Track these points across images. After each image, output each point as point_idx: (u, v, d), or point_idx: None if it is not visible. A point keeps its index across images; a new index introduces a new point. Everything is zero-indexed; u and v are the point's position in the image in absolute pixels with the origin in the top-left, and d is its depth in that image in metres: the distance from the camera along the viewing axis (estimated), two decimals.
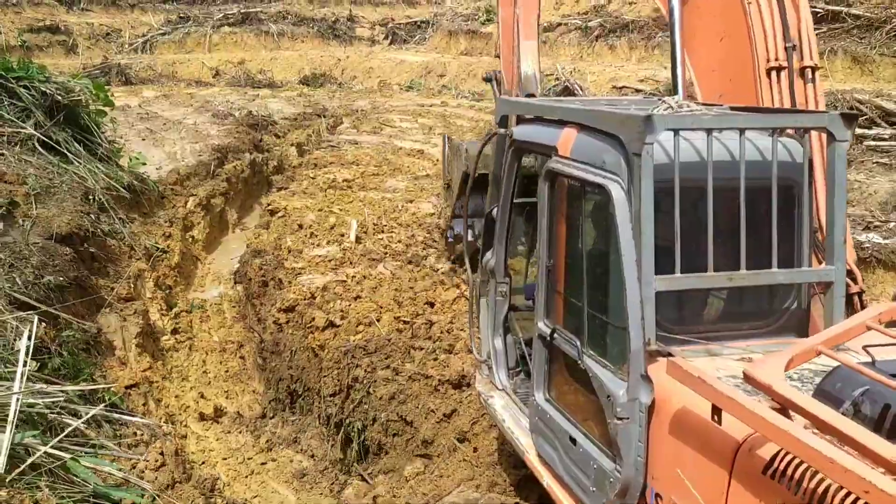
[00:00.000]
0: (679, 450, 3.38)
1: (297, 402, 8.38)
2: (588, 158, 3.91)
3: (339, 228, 11.05)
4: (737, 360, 3.63)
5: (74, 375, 6.31)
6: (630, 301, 3.50)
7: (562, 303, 4.34)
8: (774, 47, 4.47)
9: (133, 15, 33.11)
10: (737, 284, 3.81)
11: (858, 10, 18.14)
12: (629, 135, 3.55)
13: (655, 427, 3.53)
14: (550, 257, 4.37)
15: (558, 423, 4.29)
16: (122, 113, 16.74)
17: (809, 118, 4.00)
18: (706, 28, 4.88)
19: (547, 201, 4.34)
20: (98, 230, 9.45)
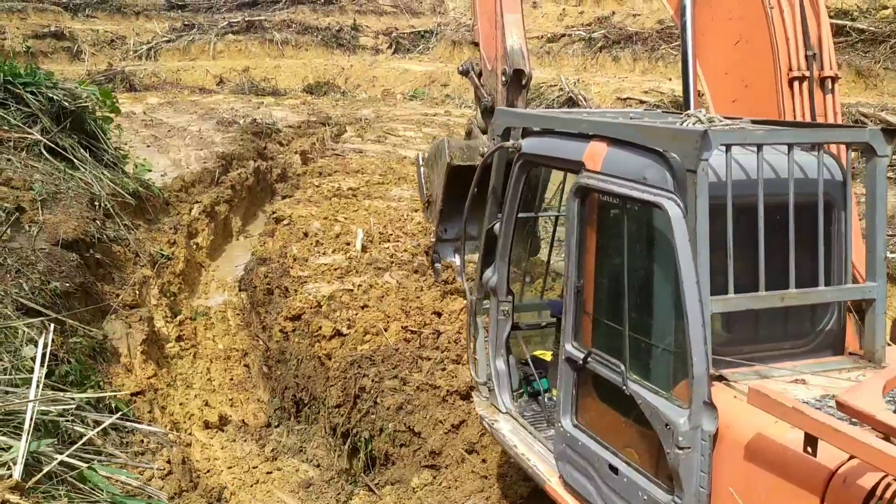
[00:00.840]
0: (752, 480, 3.22)
1: (303, 411, 8.34)
2: (624, 174, 3.76)
3: (344, 237, 11.03)
4: (790, 381, 3.53)
5: (81, 383, 6.28)
6: (692, 324, 3.33)
7: (596, 325, 4.14)
8: (797, 56, 4.38)
9: (138, 22, 33.23)
10: (788, 304, 3.70)
11: (863, 25, 18.21)
12: (683, 150, 3.41)
13: (721, 455, 3.36)
14: (580, 277, 4.16)
15: (593, 451, 4.07)
16: (127, 119, 16.77)
17: (851, 133, 3.94)
18: (719, 30, 4.75)
19: (577, 218, 4.12)
20: (104, 236, 9.43)
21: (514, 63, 6.62)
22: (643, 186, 3.62)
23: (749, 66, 4.56)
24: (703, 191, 3.35)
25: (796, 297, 3.68)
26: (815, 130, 4.03)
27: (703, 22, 4.83)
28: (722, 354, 3.60)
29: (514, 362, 5.30)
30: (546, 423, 5.08)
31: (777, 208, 3.61)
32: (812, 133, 3.93)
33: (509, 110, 5.36)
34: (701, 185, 3.35)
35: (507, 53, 6.67)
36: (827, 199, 3.77)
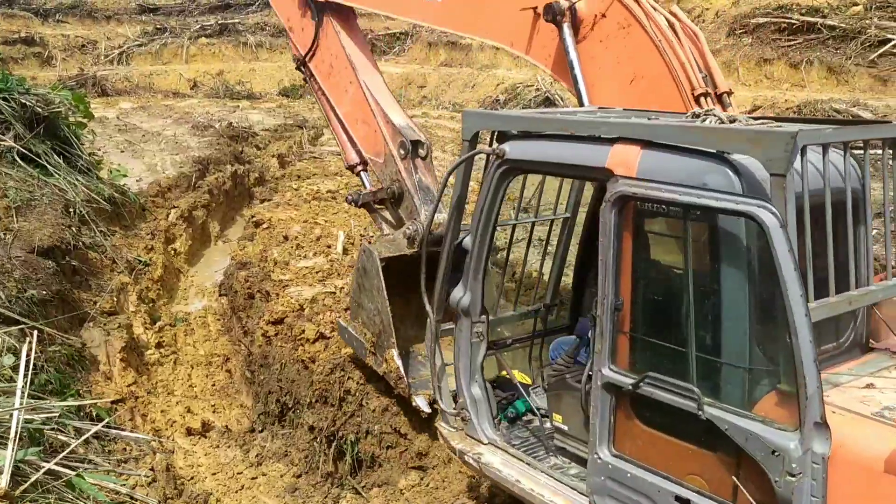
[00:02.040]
0: (886, 499, 3.03)
1: (287, 415, 8.27)
2: (673, 179, 3.45)
3: (325, 240, 10.97)
4: (862, 388, 3.45)
5: (61, 391, 6.18)
6: (802, 340, 3.06)
7: (648, 346, 3.79)
8: (695, 76, 4.57)
9: (109, 26, 32.85)
10: (854, 307, 3.61)
11: (833, 21, 18.45)
12: (769, 153, 3.13)
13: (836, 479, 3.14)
14: (620, 295, 3.77)
15: (650, 482, 3.74)
16: (100, 125, 16.55)
17: (889, 129, 3.87)
18: (611, 76, 4.88)
19: (615, 232, 3.72)
20: (80, 243, 9.31)
21: (409, 136, 6.49)
22: (717, 194, 3.31)
23: (652, 97, 4.63)
24: (791, 197, 3.17)
25: (859, 299, 3.61)
26: (864, 127, 3.98)
27: (592, 74, 4.95)
28: None
29: (490, 387, 4.95)
30: (544, 451, 4.80)
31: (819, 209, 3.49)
32: (865, 130, 3.87)
33: (481, 112, 5.02)
34: (790, 191, 3.15)
35: (399, 131, 6.56)
36: (857, 198, 3.75)
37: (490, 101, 24.81)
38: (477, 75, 26.62)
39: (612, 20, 4.88)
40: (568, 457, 4.69)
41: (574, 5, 4.95)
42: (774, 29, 19.50)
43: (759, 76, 19.07)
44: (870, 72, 17.24)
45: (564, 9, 4.95)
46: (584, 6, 4.97)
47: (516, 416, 5.14)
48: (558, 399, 4.71)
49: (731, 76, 19.49)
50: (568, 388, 4.59)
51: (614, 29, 4.86)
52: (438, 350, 5.03)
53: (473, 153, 4.56)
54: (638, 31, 4.72)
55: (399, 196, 6.68)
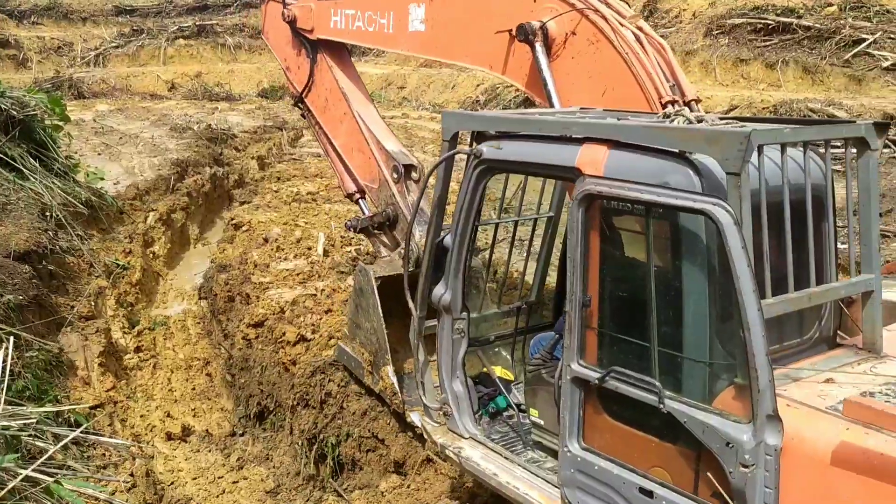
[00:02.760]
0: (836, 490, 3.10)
1: (269, 418, 8.24)
2: (637, 178, 3.54)
3: (305, 242, 10.93)
4: (821, 382, 3.50)
5: (39, 397, 6.12)
6: (754, 334, 3.15)
7: (614, 341, 3.88)
8: (663, 85, 4.70)
9: (85, 28, 32.53)
10: (814, 303, 3.67)
11: (808, 22, 18.66)
12: (725, 153, 3.22)
13: (793, 471, 3.21)
14: (588, 291, 3.86)
15: (615, 474, 3.82)
16: (77, 127, 16.41)
17: (849, 128, 3.91)
18: (583, 89, 5.04)
19: (582, 229, 3.81)
20: (56, 247, 9.21)
21: (401, 160, 6.80)
22: (675, 192, 3.40)
23: (623, 108, 4.75)
24: (746, 195, 3.23)
25: (820, 295, 3.67)
26: (823, 127, 4.01)
27: (567, 89, 5.11)
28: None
29: (471, 383, 5.02)
30: (522, 445, 4.87)
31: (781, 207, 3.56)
32: (824, 129, 3.91)
33: (460, 112, 5.12)
34: (745, 189, 3.22)
35: (392, 157, 6.86)
36: (819, 195, 3.79)
37: (470, 101, 24.84)
38: (457, 76, 26.64)
39: (581, 37, 5.03)
40: (544, 451, 4.78)
41: (545, 25, 5.11)
42: (751, 29, 19.70)
43: (735, 76, 19.25)
44: (844, 71, 17.45)
45: (536, 28, 5.11)
46: (554, 25, 5.12)
47: (497, 412, 5.22)
48: (534, 394, 4.82)
49: (708, 76, 19.67)
50: (543, 384, 4.68)
51: (584, 45, 5.02)
52: (422, 347, 5.08)
53: (452, 153, 4.65)
54: (606, 45, 4.87)
55: (394, 219, 6.98)
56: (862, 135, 3.78)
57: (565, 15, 5.06)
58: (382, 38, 6.64)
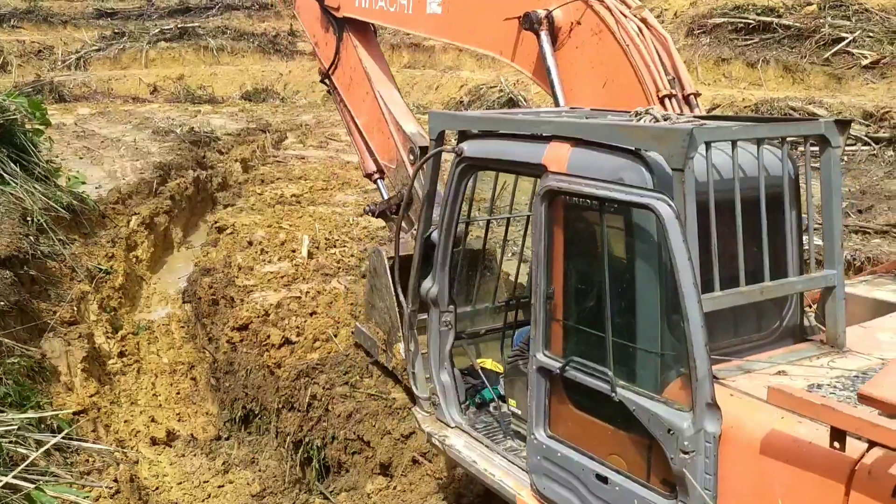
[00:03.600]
0: (767, 478, 3.19)
1: (254, 421, 8.21)
2: (595, 175, 3.67)
3: (289, 244, 10.91)
4: (773, 374, 3.54)
5: (21, 404, 6.06)
6: (693, 325, 3.26)
7: (574, 332, 4.02)
8: (661, 78, 4.78)
9: (66, 31, 32.26)
10: (767, 297, 3.72)
11: (788, 21, 18.79)
12: (670, 149, 3.35)
13: (726, 457, 3.31)
14: (551, 284, 4.01)
15: (575, 461, 3.96)
16: (58, 131, 16.28)
17: (808, 126, 3.98)
18: (587, 78, 5.13)
19: (545, 224, 3.97)
20: (38, 252, 9.14)
21: (418, 142, 6.87)
22: (625, 188, 3.51)
23: (623, 100, 4.83)
24: (690, 190, 3.32)
25: (773, 289, 3.72)
26: (779, 125, 4.09)
27: (570, 79, 5.20)
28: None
29: (458, 374, 5.16)
30: (503, 435, 4.95)
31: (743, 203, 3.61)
32: (779, 127, 3.97)
33: (445, 113, 5.25)
34: (689, 185, 3.31)
35: (410, 138, 6.96)
36: (777, 192, 3.83)
37: (454, 102, 24.85)
38: (440, 77, 26.66)
39: (585, 27, 5.11)
40: (522, 439, 4.85)
41: (551, 14, 5.20)
42: (731, 29, 19.82)
43: (717, 75, 19.37)
44: (824, 70, 17.59)
45: (541, 17, 5.22)
46: (560, 15, 5.22)
47: (483, 403, 5.33)
48: (512, 385, 4.92)
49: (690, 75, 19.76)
50: (520, 374, 4.76)
51: (588, 35, 5.10)
52: (413, 338, 5.23)
53: (436, 150, 4.81)
54: (608, 37, 4.95)
55: (410, 200, 6.98)
56: (822, 132, 3.83)
57: (571, 4, 5.14)
58: (402, 19, 6.80)
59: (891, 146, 14.37)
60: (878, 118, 15.04)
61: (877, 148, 14.49)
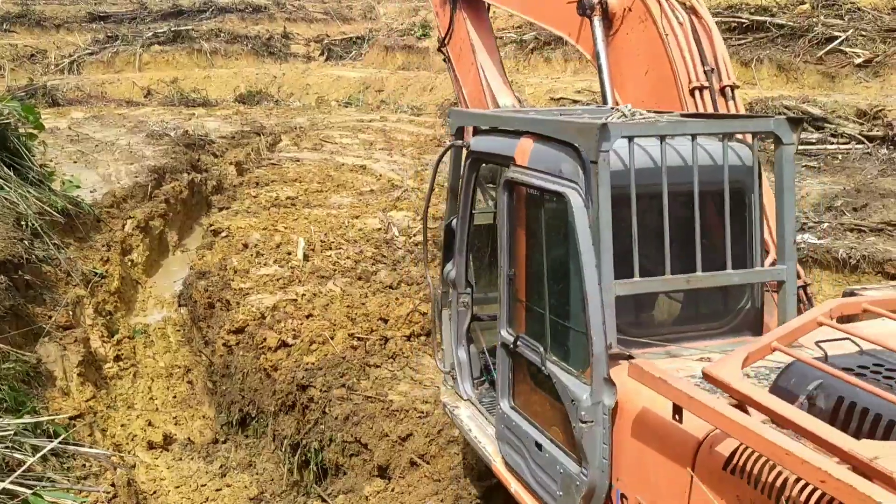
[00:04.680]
0: (642, 450, 3.43)
1: (251, 424, 8.19)
2: (546, 167, 3.94)
3: (285, 247, 10.89)
4: (696, 360, 3.68)
5: (16, 409, 6.04)
6: (591, 306, 3.55)
7: (524, 310, 4.37)
8: (694, 71, 4.83)
9: (59, 35, 32.19)
10: (694, 286, 3.87)
11: (782, 20, 18.84)
12: (586, 143, 3.59)
13: (619, 429, 3.58)
14: (512, 266, 4.38)
15: (524, 430, 4.32)
16: (52, 135, 16.22)
17: (757, 123, 4.10)
18: (631, 66, 5.26)
19: (506, 211, 4.34)
20: (33, 257, 9.11)
21: None
22: (554, 178, 3.83)
23: (659, 90, 4.95)
24: (604, 181, 3.52)
25: (702, 280, 3.84)
26: (722, 121, 4.18)
27: (619, 64, 5.36)
28: (637, 336, 3.81)
29: (474, 352, 5.47)
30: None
31: (688, 196, 3.78)
32: (717, 124, 4.07)
33: (462, 110, 5.59)
34: (602, 176, 3.52)
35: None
36: (738, 186, 3.93)
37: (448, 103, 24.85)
38: (434, 78, 26.65)
39: (635, 14, 5.24)
40: None
41: (604, 1, 5.34)
42: (725, 28, 19.83)
43: None
44: (818, 69, 17.64)
45: (594, 3, 5.38)
46: (615, 1, 5.36)
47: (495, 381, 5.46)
48: None
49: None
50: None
51: (636, 22, 5.22)
52: (438, 318, 5.69)
53: (451, 145, 5.23)
54: (651, 25, 5.04)
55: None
56: (771, 129, 3.90)
57: None
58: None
59: (885, 144, 14.41)
60: (871, 116, 15.08)
61: (871, 146, 14.53)
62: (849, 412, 2.70)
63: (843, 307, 3.38)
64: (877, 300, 3.42)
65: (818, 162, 14.37)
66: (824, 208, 11.70)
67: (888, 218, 10.81)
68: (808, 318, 3.27)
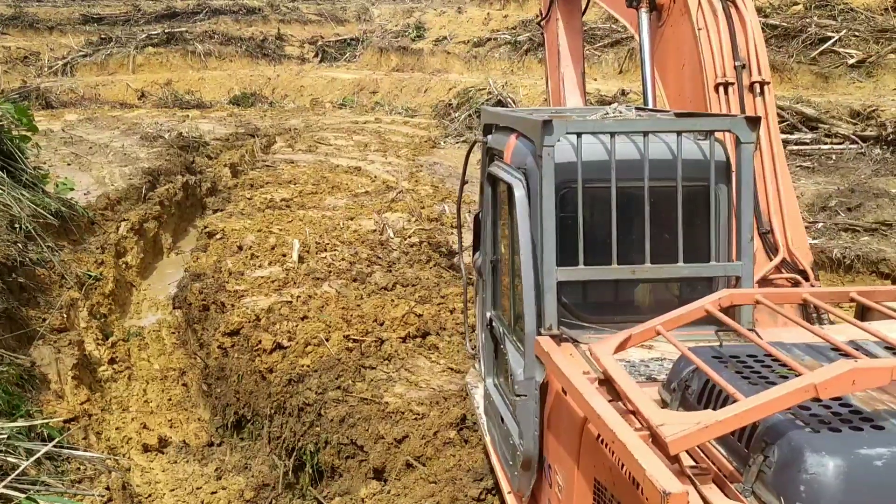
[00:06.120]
0: (556, 423, 3.71)
1: (246, 427, 8.17)
2: (518, 162, 4.24)
3: (280, 249, 10.87)
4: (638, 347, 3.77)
5: (10, 412, 6.01)
6: (525, 288, 3.86)
7: (500, 294, 4.81)
8: (723, 66, 4.79)
9: (52, 37, 32.10)
10: (640, 277, 4.07)
11: (775, 21, 18.90)
12: (536, 139, 3.84)
13: (547, 404, 3.85)
14: (495, 252, 4.82)
15: (496, 405, 4.68)
16: (45, 138, 16.16)
17: (714, 122, 4.17)
18: (673, 58, 5.30)
19: (490, 202, 4.79)
20: (26, 259, 9.07)
21: None
22: (512, 170, 4.19)
23: (691, 85, 4.97)
24: (548, 174, 3.78)
25: (648, 272, 4.00)
26: (676, 120, 4.22)
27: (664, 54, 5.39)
28: (590, 322, 4.05)
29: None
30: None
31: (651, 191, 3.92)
32: (671, 122, 4.13)
33: (488, 109, 5.80)
34: (546, 169, 3.77)
35: None
36: (704, 183, 4.03)
37: (443, 104, 24.87)
38: (429, 80, 26.67)
39: (678, 6, 5.29)
40: None
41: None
42: None
43: None
44: (811, 69, 17.71)
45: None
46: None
47: None
48: None
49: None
50: None
51: (678, 15, 5.27)
52: (466, 303, 6.30)
53: (475, 141, 5.52)
54: (688, 18, 5.05)
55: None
56: (728, 127, 3.99)
57: None
58: None
59: (878, 144, 14.46)
60: (865, 116, 15.14)
61: (864, 146, 14.58)
62: (710, 393, 2.93)
63: (731, 297, 3.54)
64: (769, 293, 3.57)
65: (812, 162, 14.42)
66: (818, 208, 11.73)
67: (882, 218, 10.85)
68: (696, 307, 3.48)
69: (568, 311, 4.01)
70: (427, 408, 6.87)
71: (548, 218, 3.78)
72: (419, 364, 7.77)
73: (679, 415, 2.65)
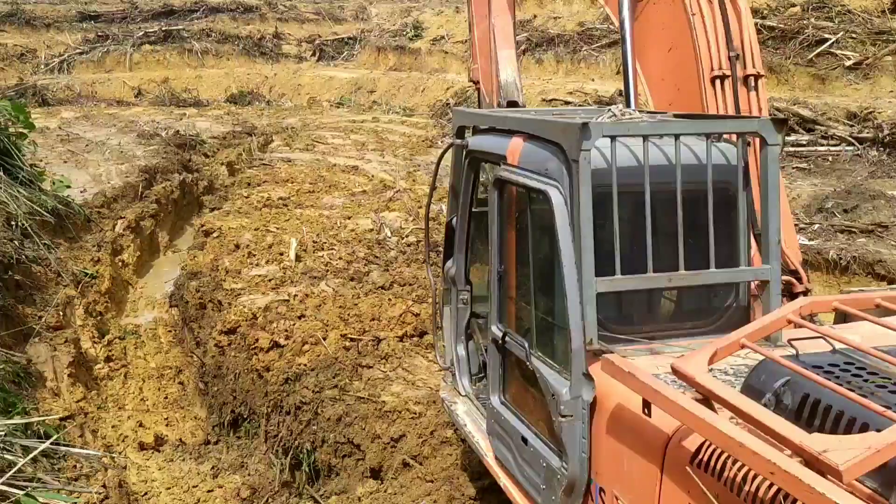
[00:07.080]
0: (617, 445, 3.48)
1: (243, 425, 8.17)
2: (534, 166, 4.02)
3: (277, 247, 10.86)
4: (676, 357, 3.67)
5: (6, 410, 6.00)
6: (570, 302, 3.61)
7: (513, 306, 4.46)
8: (718, 57, 4.63)
9: (48, 34, 32.01)
10: (676, 285, 3.93)
11: (772, 22, 18.91)
12: (568, 142, 3.66)
13: (597, 423, 3.64)
14: (502, 263, 4.48)
15: (511, 425, 4.39)
16: (41, 135, 16.12)
17: (741, 124, 4.11)
18: (656, 40, 5.08)
19: (497, 208, 4.43)
20: (23, 257, 9.05)
21: (507, 94, 6.77)
22: (540, 176, 3.87)
23: (679, 71, 4.82)
24: (585, 179, 3.58)
25: (684, 279, 3.87)
26: (706, 122, 4.18)
27: (645, 35, 5.17)
28: (621, 333, 3.86)
29: (473, 348, 5.51)
30: None
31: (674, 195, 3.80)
32: (701, 124, 4.08)
33: (462, 110, 5.63)
34: (583, 174, 3.58)
35: (502, 86, 6.88)
36: (724, 186, 3.96)
37: (440, 104, 24.87)
38: (426, 79, 26.67)
39: None
40: None
41: None
42: None
43: None
44: (808, 71, 17.72)
45: None
46: None
47: None
48: None
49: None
50: None
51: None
52: (439, 314, 5.78)
53: (451, 143, 5.28)
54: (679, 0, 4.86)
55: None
56: (755, 130, 3.91)
57: None
58: None
59: (875, 146, 14.50)
60: (861, 118, 15.17)
61: (861, 148, 14.62)
62: (813, 409, 2.73)
63: (812, 305, 3.43)
64: (846, 299, 3.45)
65: (809, 164, 14.45)
66: (815, 210, 11.76)
67: (878, 219, 10.88)
68: (779, 316, 3.34)
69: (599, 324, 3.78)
70: (424, 407, 6.88)
71: (586, 225, 3.59)
72: (416, 363, 7.78)
73: (836, 439, 2.45)
